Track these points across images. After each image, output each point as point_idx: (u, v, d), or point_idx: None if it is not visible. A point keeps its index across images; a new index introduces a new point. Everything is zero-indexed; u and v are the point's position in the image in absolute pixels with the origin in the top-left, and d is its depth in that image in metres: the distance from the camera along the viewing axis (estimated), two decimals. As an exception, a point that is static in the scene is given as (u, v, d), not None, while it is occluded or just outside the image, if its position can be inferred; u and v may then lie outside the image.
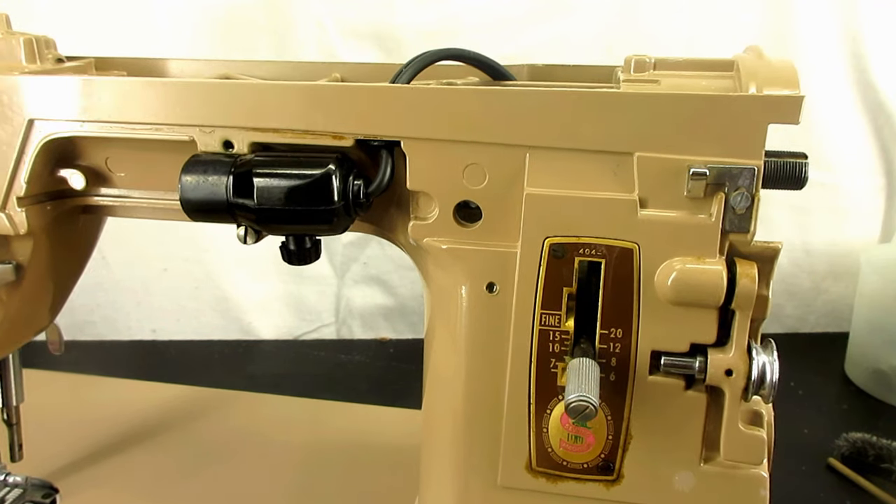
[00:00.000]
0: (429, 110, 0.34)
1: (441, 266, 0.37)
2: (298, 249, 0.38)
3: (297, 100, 0.36)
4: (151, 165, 0.41)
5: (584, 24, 0.76)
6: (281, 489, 0.56)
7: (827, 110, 0.77)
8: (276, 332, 0.89)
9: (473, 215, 0.36)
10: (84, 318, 0.87)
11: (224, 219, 0.36)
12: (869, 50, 0.75)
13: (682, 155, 0.32)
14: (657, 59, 0.36)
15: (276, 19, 0.76)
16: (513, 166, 0.34)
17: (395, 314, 0.89)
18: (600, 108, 0.32)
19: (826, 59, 0.76)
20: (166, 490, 0.56)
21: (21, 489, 0.51)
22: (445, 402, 0.39)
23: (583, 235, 0.33)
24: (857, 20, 0.74)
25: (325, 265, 0.86)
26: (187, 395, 0.69)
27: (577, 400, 0.31)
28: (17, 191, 0.39)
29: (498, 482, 0.37)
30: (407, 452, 0.46)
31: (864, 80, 0.77)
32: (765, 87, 0.32)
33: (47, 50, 0.42)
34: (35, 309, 0.47)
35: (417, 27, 0.76)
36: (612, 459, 0.35)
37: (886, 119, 0.78)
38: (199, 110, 0.37)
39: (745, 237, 0.32)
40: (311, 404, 0.68)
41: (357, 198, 0.36)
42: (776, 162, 0.33)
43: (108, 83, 0.38)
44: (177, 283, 0.86)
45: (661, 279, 0.32)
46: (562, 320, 0.34)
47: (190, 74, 0.47)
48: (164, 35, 0.76)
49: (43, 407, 0.59)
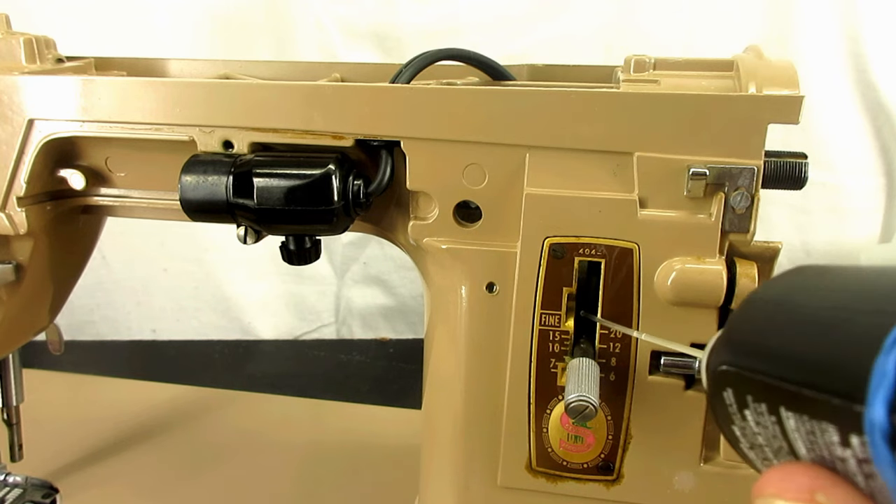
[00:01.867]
0: (429, 110, 0.34)
1: (441, 266, 0.37)
2: (298, 249, 0.38)
3: (297, 100, 0.36)
4: (151, 165, 0.41)
5: (584, 24, 0.76)
6: (281, 489, 0.56)
7: (827, 110, 0.77)
8: (276, 332, 0.89)
9: (473, 215, 0.36)
10: (84, 318, 0.87)
11: (224, 219, 0.36)
12: (869, 50, 0.75)
13: (682, 155, 0.32)
14: (657, 59, 0.36)
15: (276, 19, 0.76)
16: (513, 166, 0.34)
17: (395, 314, 0.88)
18: (600, 108, 0.32)
19: (826, 59, 0.76)
20: (166, 490, 0.56)
21: (21, 489, 0.51)
22: (445, 402, 0.39)
23: (583, 235, 0.33)
24: (857, 20, 0.74)
25: (325, 265, 0.86)
26: (187, 395, 0.69)
27: (577, 400, 0.31)
28: (17, 191, 0.39)
29: (498, 482, 0.37)
30: (407, 452, 0.46)
31: (864, 80, 0.77)
32: (764, 87, 0.32)
33: (47, 50, 0.41)
34: (35, 309, 0.47)
35: (417, 27, 0.75)
36: (612, 459, 0.35)
37: (886, 119, 0.78)
38: (199, 110, 0.37)
39: (745, 237, 0.32)
40: (311, 404, 0.68)
41: (357, 198, 0.36)
42: (776, 162, 0.33)
43: (108, 83, 0.38)
44: (177, 283, 0.86)
45: (661, 279, 0.32)
46: (562, 320, 0.34)
47: (190, 74, 0.47)
48: (164, 35, 0.76)
49: (43, 407, 0.59)
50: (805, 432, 0.16)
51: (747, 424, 0.18)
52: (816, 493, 0.15)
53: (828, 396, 0.15)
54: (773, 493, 0.16)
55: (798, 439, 0.16)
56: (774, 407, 0.17)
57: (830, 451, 0.15)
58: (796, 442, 0.16)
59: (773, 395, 0.17)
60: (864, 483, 0.15)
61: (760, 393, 0.17)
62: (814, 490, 0.15)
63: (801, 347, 0.16)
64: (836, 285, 0.17)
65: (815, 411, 0.15)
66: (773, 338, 0.18)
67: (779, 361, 0.17)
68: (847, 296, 0.16)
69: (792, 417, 0.16)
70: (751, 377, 0.18)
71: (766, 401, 0.17)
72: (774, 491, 0.16)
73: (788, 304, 0.18)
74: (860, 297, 0.16)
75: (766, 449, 0.18)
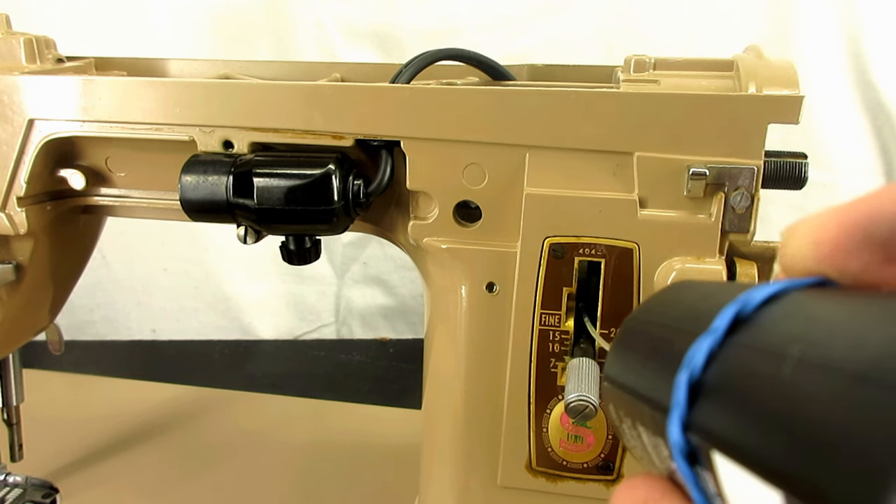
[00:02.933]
0: (429, 110, 0.34)
1: (441, 266, 0.37)
2: (298, 249, 0.38)
3: (297, 100, 0.36)
4: (151, 165, 0.41)
5: (584, 24, 0.76)
6: (281, 489, 0.56)
7: (827, 110, 0.77)
8: (276, 332, 0.89)
9: (473, 215, 0.36)
10: (84, 318, 0.87)
11: (224, 219, 0.36)
12: (869, 50, 0.75)
13: (682, 155, 0.32)
14: (657, 59, 0.36)
15: (276, 19, 0.76)
16: (513, 166, 0.34)
17: (395, 314, 0.88)
18: (600, 107, 0.32)
19: (826, 59, 0.76)
20: (166, 490, 0.56)
21: (21, 489, 0.51)
22: (445, 402, 0.39)
23: (583, 235, 0.33)
24: (857, 20, 0.74)
25: (325, 265, 0.86)
26: (187, 395, 0.69)
27: (577, 400, 0.31)
28: (17, 191, 0.39)
29: (498, 482, 0.37)
30: (407, 452, 0.46)
31: (864, 80, 0.77)
32: (764, 87, 0.32)
33: (47, 50, 0.41)
34: (35, 309, 0.47)
35: (417, 27, 0.76)
36: (612, 459, 0.35)
37: (886, 119, 0.78)
38: (199, 110, 0.37)
39: (745, 237, 0.32)
40: (311, 404, 0.69)
41: (357, 198, 0.36)
42: (776, 162, 0.33)
43: (108, 83, 0.38)
44: (177, 283, 0.86)
45: (661, 279, 0.32)
46: (562, 320, 0.34)
47: (190, 74, 0.47)
48: (164, 35, 0.76)
49: (43, 407, 0.59)
50: (652, 446, 0.16)
51: (626, 437, 0.19)
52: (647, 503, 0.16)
53: (653, 412, 0.15)
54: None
55: (652, 452, 0.17)
56: (634, 422, 0.17)
57: (665, 464, 0.16)
58: (651, 455, 0.17)
59: (631, 410, 0.17)
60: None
61: (626, 408, 0.18)
62: (646, 501, 0.16)
63: (642, 364, 0.17)
64: (678, 303, 0.17)
65: (650, 426, 0.16)
66: (629, 352, 0.18)
67: (632, 377, 0.17)
68: (677, 315, 0.17)
69: (644, 432, 0.17)
70: (618, 392, 0.18)
71: (629, 416, 0.18)
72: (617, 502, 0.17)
73: (646, 322, 0.19)
74: (684, 317, 0.16)
75: (644, 461, 0.18)
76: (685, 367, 0.14)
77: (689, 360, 0.14)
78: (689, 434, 0.14)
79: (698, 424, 0.13)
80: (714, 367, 0.14)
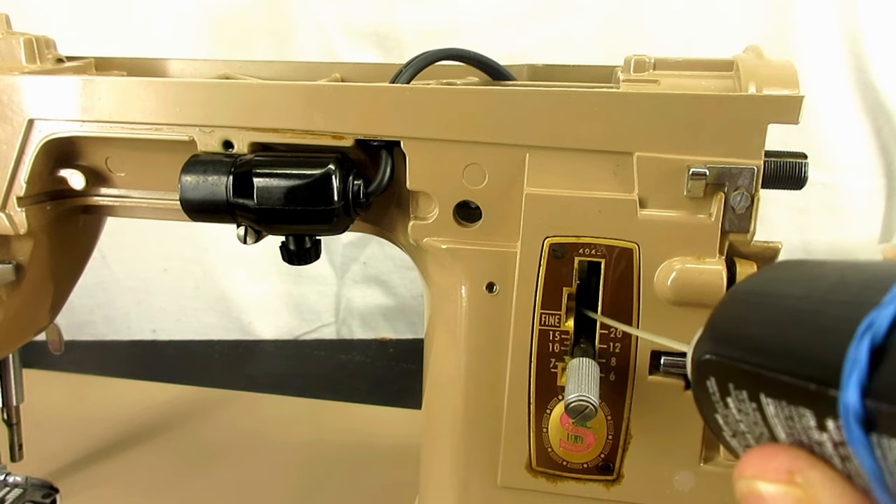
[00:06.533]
0: (429, 110, 0.34)
1: (441, 266, 0.37)
2: (298, 249, 0.38)
3: (297, 100, 0.36)
4: (151, 165, 0.41)
5: (584, 24, 0.76)
6: (281, 489, 0.56)
7: (827, 110, 0.77)
8: (276, 332, 0.89)
9: (473, 215, 0.36)
10: (84, 318, 0.87)
11: (224, 219, 0.36)
12: (869, 50, 0.75)
13: (682, 155, 0.32)
14: (657, 59, 0.36)
15: (276, 19, 0.76)
16: (513, 166, 0.34)
17: (395, 314, 0.88)
18: (600, 108, 0.32)
19: (826, 59, 0.76)
20: (166, 490, 0.56)
21: (21, 489, 0.51)
22: (445, 402, 0.39)
23: (583, 235, 0.33)
24: (857, 20, 0.74)
25: (325, 265, 0.86)
26: (187, 395, 0.69)
27: (577, 400, 0.31)
28: (17, 191, 0.39)
29: (498, 482, 0.37)
30: (407, 452, 0.46)
31: (864, 80, 0.77)
32: (764, 87, 0.32)
33: (47, 50, 0.41)
34: (35, 309, 0.47)
35: (417, 27, 0.75)
36: (612, 459, 0.35)
37: (886, 119, 0.78)
38: (199, 110, 0.37)
39: (745, 237, 0.32)
40: (311, 404, 0.69)
41: (357, 198, 0.36)
42: (776, 162, 0.33)
43: (108, 83, 0.38)
44: (177, 283, 0.86)
45: (661, 279, 0.32)
46: (562, 320, 0.34)
47: (190, 74, 0.46)
48: (164, 35, 0.76)
49: (43, 407, 0.59)
50: (784, 418, 0.16)
51: (730, 412, 0.19)
52: (795, 473, 0.16)
53: (804, 382, 0.15)
54: (753, 475, 0.17)
55: (778, 425, 0.17)
56: (755, 394, 0.17)
57: (808, 435, 0.16)
58: (776, 427, 0.17)
59: (754, 382, 0.17)
60: (841, 465, 0.16)
61: (741, 380, 0.18)
62: (792, 471, 0.16)
63: (778, 336, 0.17)
64: (813, 277, 0.18)
65: (793, 397, 0.16)
66: (752, 327, 0.18)
67: (758, 350, 0.17)
68: (822, 287, 0.17)
69: (771, 404, 0.17)
70: (732, 365, 0.18)
71: (746, 388, 0.18)
72: (754, 472, 0.17)
73: (768, 295, 0.19)
74: (834, 289, 0.16)
75: (748, 436, 0.19)
76: (863, 333, 0.14)
77: (866, 327, 0.14)
78: (867, 400, 0.14)
79: (881, 390, 0.14)
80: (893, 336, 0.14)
